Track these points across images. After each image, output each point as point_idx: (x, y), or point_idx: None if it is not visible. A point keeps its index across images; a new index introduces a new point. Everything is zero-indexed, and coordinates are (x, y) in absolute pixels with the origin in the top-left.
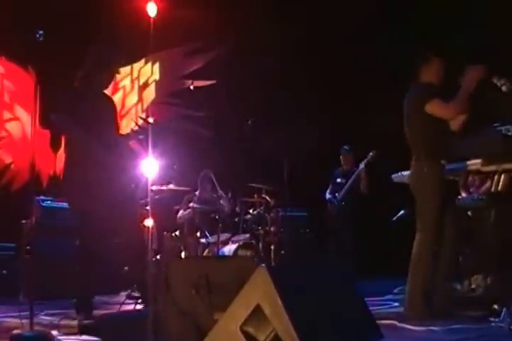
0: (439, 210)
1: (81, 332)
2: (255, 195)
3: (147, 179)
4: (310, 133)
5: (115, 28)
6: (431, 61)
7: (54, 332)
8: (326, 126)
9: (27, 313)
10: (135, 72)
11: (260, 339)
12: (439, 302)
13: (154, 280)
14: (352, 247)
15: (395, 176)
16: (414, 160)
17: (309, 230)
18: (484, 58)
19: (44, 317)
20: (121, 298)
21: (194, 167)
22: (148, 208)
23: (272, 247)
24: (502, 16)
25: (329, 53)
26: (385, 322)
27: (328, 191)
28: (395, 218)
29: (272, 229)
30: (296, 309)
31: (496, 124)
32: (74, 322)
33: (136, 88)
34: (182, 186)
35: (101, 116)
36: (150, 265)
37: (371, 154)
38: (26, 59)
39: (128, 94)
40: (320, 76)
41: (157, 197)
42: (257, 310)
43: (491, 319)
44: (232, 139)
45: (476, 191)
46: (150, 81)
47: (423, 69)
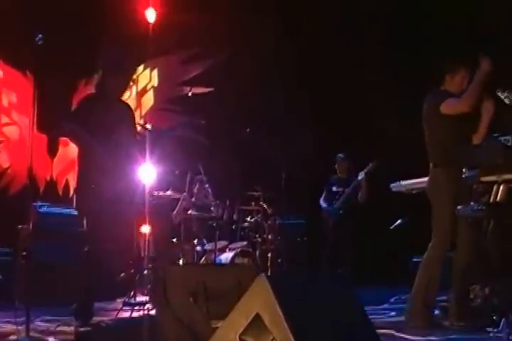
0: (454, 216)
1: (77, 339)
2: (253, 203)
3: (144, 185)
4: (308, 140)
5: (114, 34)
6: (457, 71)
7: (50, 339)
8: (324, 134)
9: (23, 319)
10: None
11: None
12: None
13: (152, 287)
14: (349, 256)
15: (394, 185)
16: (431, 166)
17: (306, 238)
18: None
19: (40, 323)
20: (117, 305)
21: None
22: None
23: (269, 255)
24: None
25: (328, 62)
26: (383, 331)
27: (322, 199)
28: (393, 227)
29: (270, 237)
30: (295, 318)
31: (496, 134)
32: (70, 328)
33: (134, 94)
34: (180, 192)
35: (118, 124)
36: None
37: (372, 164)
38: (25, 63)
39: (125, 100)
40: (319, 83)
41: (154, 203)
42: (257, 319)
43: (490, 329)
44: (230, 146)
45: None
46: (148, 87)
47: (447, 78)
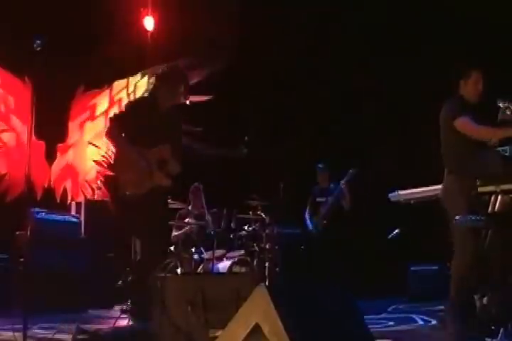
0: None
1: None
2: (250, 212)
3: None
4: (305, 150)
5: (112, 41)
6: (469, 76)
7: None
8: (321, 143)
9: (20, 326)
10: (131, 86)
11: None
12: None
13: (150, 296)
14: (337, 265)
15: (392, 195)
16: (446, 173)
17: (304, 247)
18: None
19: (37, 330)
20: (115, 313)
21: (188, 182)
22: None
23: (267, 264)
24: None
25: (327, 70)
26: None
27: (307, 211)
28: (390, 236)
29: (267, 246)
30: (295, 328)
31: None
32: (68, 336)
33: None
34: (177, 201)
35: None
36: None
37: (351, 171)
38: (23, 69)
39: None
40: (317, 92)
41: None
42: (256, 329)
43: (489, 339)
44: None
45: None
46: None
47: (461, 83)
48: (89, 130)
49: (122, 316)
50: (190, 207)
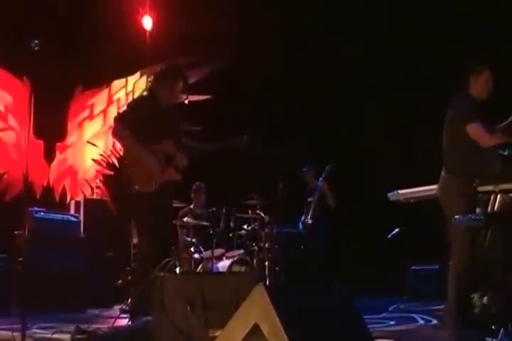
0: None
1: None
2: (250, 211)
3: None
4: (305, 150)
5: (111, 40)
6: (480, 73)
7: None
8: (320, 142)
9: (19, 326)
10: (129, 86)
11: None
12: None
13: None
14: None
15: (391, 194)
16: (443, 171)
17: (303, 247)
18: None
19: (36, 330)
20: (114, 312)
21: (188, 182)
22: None
23: (266, 263)
24: None
25: (328, 70)
26: (382, 340)
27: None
28: (390, 236)
29: (267, 246)
30: (294, 328)
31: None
32: (66, 336)
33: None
34: (178, 200)
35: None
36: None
37: (327, 167)
38: (22, 68)
39: (122, 108)
40: (317, 92)
41: None
42: (255, 329)
43: (489, 339)
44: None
45: None
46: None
47: (472, 79)
48: (88, 129)
49: (121, 316)
50: (192, 206)
